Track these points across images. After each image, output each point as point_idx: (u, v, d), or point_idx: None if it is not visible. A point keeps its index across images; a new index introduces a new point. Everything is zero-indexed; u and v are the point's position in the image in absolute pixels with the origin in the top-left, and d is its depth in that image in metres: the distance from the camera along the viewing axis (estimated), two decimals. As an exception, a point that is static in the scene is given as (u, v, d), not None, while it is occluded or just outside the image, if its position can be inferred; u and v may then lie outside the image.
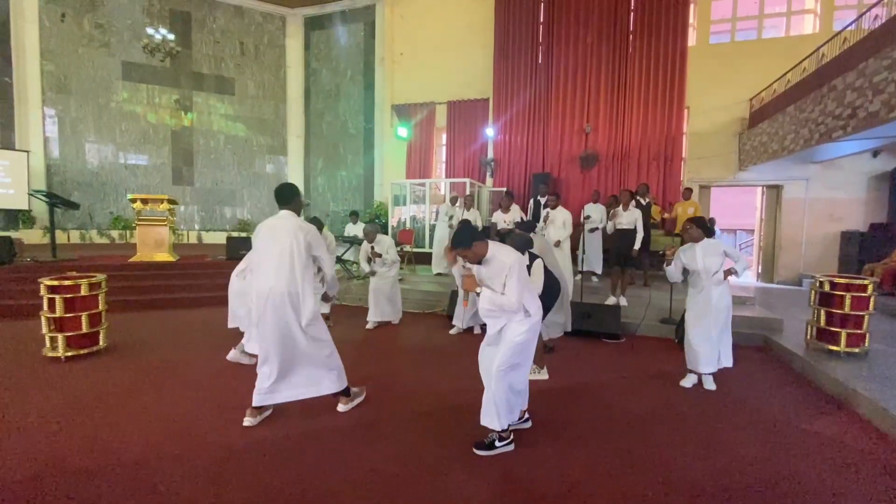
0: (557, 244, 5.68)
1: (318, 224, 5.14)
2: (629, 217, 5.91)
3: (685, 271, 3.85)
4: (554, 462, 2.58)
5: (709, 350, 3.72)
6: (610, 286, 6.15)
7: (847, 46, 6.35)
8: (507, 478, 2.41)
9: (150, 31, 10.32)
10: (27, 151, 11.09)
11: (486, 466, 2.51)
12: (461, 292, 3.19)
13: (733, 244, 16.39)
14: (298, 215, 3.06)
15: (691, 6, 9.71)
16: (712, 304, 3.65)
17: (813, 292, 4.42)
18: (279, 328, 2.86)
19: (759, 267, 10.35)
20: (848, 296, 4.12)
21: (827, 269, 9.01)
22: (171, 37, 10.39)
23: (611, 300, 5.92)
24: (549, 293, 3.70)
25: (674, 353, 4.82)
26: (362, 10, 12.86)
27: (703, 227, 3.73)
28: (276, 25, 13.69)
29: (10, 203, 10.89)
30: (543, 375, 3.90)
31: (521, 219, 6.36)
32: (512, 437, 2.78)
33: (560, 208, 6.10)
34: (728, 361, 3.86)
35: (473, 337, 5.29)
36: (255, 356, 3.79)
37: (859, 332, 4.13)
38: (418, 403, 3.37)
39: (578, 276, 6.97)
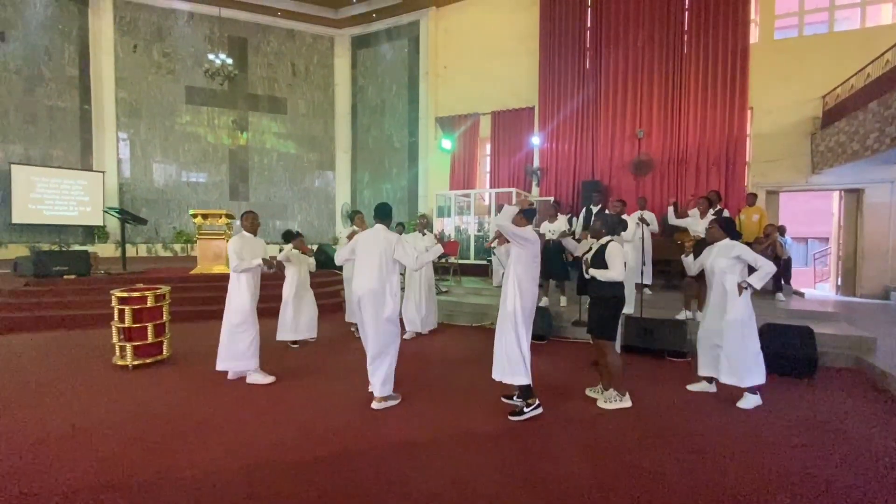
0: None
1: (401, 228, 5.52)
2: (700, 227, 5.52)
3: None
4: None
5: (703, 354, 3.81)
6: (684, 301, 5.70)
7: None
8: None
9: (210, 56, 10.98)
10: (103, 172, 12.04)
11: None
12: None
13: (805, 254, 15.13)
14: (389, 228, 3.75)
15: (752, 1, 9.14)
16: (725, 317, 3.60)
17: (917, 308, 3.90)
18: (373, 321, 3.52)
19: (839, 279, 9.42)
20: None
21: (920, 281, 8.05)
22: (230, 61, 11.00)
23: (682, 314, 5.53)
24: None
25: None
26: (406, 27, 13.11)
27: (727, 228, 3.73)
28: (326, 46, 14.22)
29: (88, 220, 11.83)
30: (626, 403, 3.56)
31: (567, 230, 6.11)
32: (538, 401, 3.34)
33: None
34: (737, 379, 3.56)
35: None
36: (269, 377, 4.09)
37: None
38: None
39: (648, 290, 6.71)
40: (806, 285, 10.57)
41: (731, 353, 3.57)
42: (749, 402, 3.60)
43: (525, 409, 3.29)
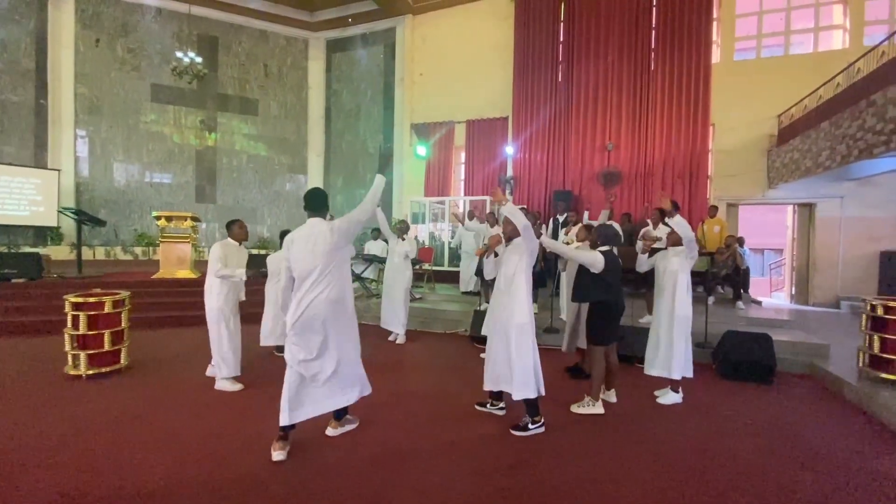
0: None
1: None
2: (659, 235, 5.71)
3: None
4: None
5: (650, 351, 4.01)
6: (646, 305, 5.91)
7: (885, 60, 6.14)
8: None
9: (178, 54, 10.64)
10: (58, 170, 11.42)
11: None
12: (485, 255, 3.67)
13: (761, 264, 15.88)
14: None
15: (714, 23, 9.61)
16: (673, 313, 3.84)
17: (864, 316, 4.14)
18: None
19: (793, 288, 9.92)
20: (905, 321, 3.84)
21: (866, 290, 8.56)
22: (199, 60, 10.69)
23: (646, 318, 5.68)
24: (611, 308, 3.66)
25: (712, 380, 4.56)
26: (382, 33, 13.10)
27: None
28: (299, 48, 14.03)
29: (40, 220, 11.17)
30: (599, 409, 3.62)
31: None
32: (543, 420, 3.22)
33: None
34: (668, 371, 3.85)
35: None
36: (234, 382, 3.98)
37: (919, 359, 3.84)
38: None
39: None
40: (763, 294, 11.07)
41: (669, 347, 3.79)
42: (671, 398, 3.85)
43: (530, 426, 3.20)
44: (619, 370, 3.91)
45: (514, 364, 3.16)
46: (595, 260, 3.53)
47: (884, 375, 3.90)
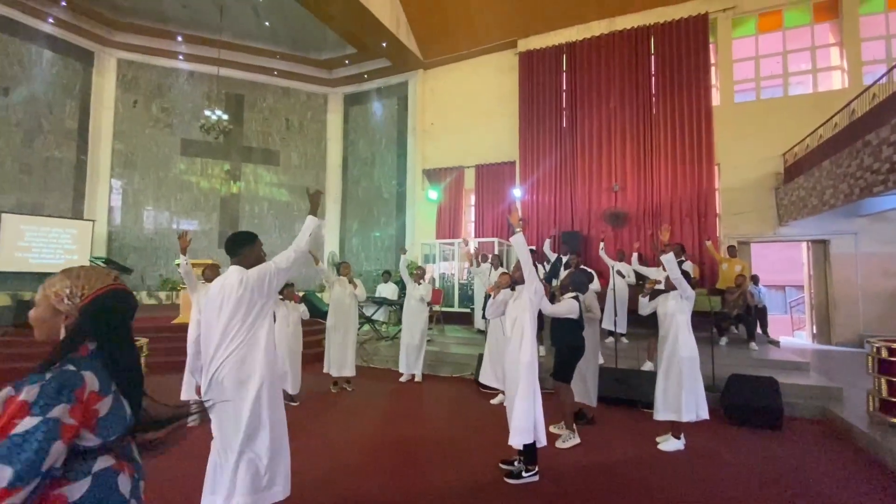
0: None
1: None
2: (662, 277, 5.75)
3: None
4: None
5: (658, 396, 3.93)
6: (647, 351, 5.86)
7: (877, 102, 6.27)
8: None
9: (207, 112, 11.50)
10: (93, 221, 12.19)
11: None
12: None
13: (783, 302, 15.43)
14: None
15: (712, 69, 9.95)
16: (676, 355, 3.84)
17: (870, 358, 4.07)
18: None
19: (814, 327, 9.63)
20: (911, 363, 3.77)
21: (892, 328, 8.27)
22: (225, 117, 11.52)
23: (647, 366, 5.63)
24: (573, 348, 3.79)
25: (720, 426, 4.46)
26: (396, 87, 13.92)
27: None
28: (319, 103, 14.96)
29: (74, 267, 11.83)
30: (576, 440, 3.70)
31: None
32: (538, 469, 3.15)
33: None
34: (677, 414, 3.78)
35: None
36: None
37: (930, 404, 3.73)
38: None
39: (609, 339, 6.74)
40: (785, 332, 10.76)
41: (677, 390, 3.75)
42: (672, 444, 3.79)
43: (524, 473, 3.15)
44: (621, 414, 3.93)
45: (514, 405, 3.13)
46: (571, 308, 3.70)
47: (893, 420, 3.78)
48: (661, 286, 4.30)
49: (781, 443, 4.03)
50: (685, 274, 4.04)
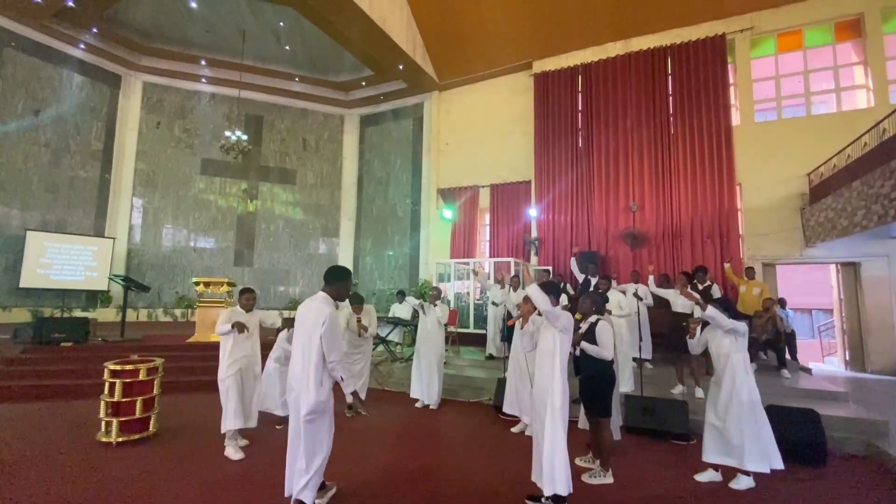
0: None
1: (358, 299, 5.45)
2: (686, 301, 5.55)
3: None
4: None
5: (710, 439, 3.64)
6: (677, 375, 5.64)
7: (910, 121, 6.08)
8: None
9: (227, 133, 11.73)
10: (113, 238, 12.39)
11: None
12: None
13: (810, 325, 14.89)
14: (337, 300, 3.06)
15: (731, 88, 9.84)
16: (734, 398, 3.55)
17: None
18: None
19: (847, 354, 9.20)
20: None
21: (930, 356, 7.85)
22: (245, 137, 11.73)
23: (677, 389, 5.39)
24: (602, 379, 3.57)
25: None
26: (412, 108, 14.09)
27: (725, 308, 3.76)
28: (336, 123, 15.20)
29: (93, 285, 11.99)
30: (609, 479, 3.49)
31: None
32: None
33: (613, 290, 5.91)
34: (738, 461, 3.48)
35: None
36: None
37: None
38: None
39: (633, 364, 6.49)
40: (814, 358, 10.32)
41: (733, 433, 3.48)
42: (743, 482, 3.53)
43: None
44: (651, 446, 3.72)
45: (544, 454, 3.01)
46: (610, 345, 3.54)
47: (951, 460, 3.50)
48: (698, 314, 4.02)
49: (827, 481, 3.76)
50: (720, 300, 3.86)
